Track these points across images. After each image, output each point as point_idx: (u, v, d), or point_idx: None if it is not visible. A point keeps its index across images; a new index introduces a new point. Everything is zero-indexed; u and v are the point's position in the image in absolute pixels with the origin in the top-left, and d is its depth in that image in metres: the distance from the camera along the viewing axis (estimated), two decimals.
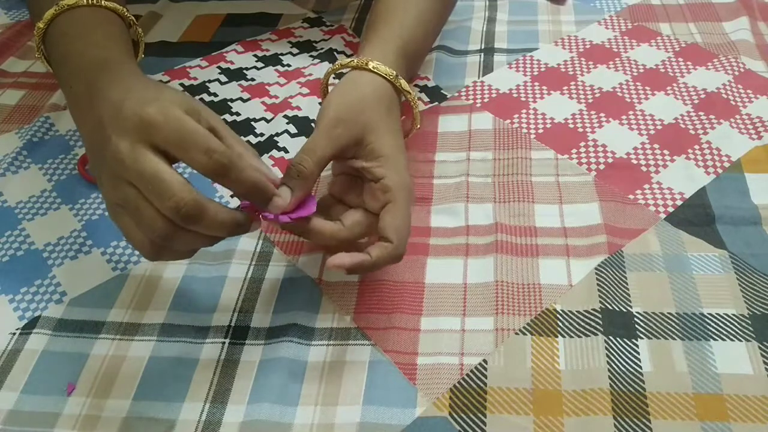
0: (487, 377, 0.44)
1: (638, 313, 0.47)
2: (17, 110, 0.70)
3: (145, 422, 0.43)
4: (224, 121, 0.64)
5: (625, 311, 0.47)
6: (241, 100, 0.70)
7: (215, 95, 0.71)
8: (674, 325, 0.46)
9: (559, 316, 0.47)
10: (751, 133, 0.62)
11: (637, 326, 0.46)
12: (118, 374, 0.46)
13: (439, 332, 0.47)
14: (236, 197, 0.56)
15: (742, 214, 0.54)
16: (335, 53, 0.76)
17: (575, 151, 0.61)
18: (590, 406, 0.42)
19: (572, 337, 0.46)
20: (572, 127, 0.64)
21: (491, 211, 0.55)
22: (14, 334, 0.48)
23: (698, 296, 0.48)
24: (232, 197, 0.58)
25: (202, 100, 0.70)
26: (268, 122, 0.67)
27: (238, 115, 0.68)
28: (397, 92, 0.51)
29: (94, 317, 0.49)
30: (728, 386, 0.43)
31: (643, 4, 0.83)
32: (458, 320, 0.48)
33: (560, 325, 0.47)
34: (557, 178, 0.58)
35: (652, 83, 0.69)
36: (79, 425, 0.43)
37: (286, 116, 0.66)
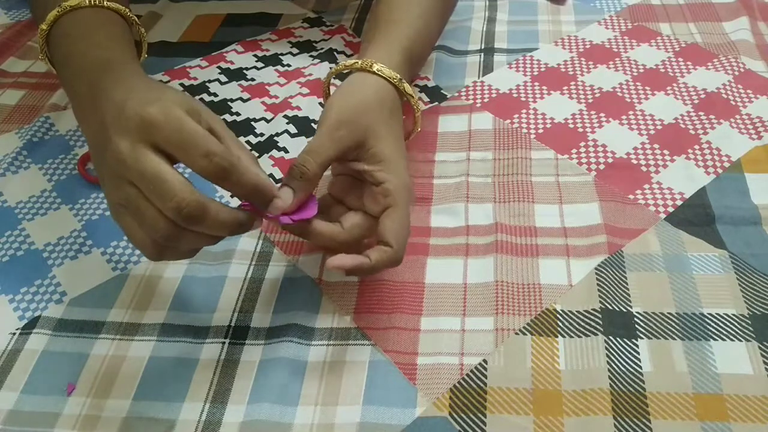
0: (487, 377, 0.44)
1: (638, 313, 0.47)
2: (17, 110, 0.70)
3: (145, 422, 0.43)
4: (224, 121, 0.64)
5: (625, 311, 0.47)
6: (241, 100, 0.70)
7: (215, 95, 0.71)
8: (674, 325, 0.46)
9: (559, 316, 0.47)
10: (751, 133, 0.62)
11: (637, 326, 0.46)
12: (118, 374, 0.46)
13: (439, 332, 0.47)
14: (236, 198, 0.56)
15: (742, 214, 0.54)
16: (335, 53, 0.76)
17: (575, 151, 0.61)
18: (590, 406, 0.42)
19: (572, 337, 0.46)
20: (572, 127, 0.64)
21: (491, 211, 0.55)
22: (14, 334, 0.48)
23: (698, 296, 0.48)
24: (232, 197, 0.58)
25: (202, 100, 0.70)
26: (268, 122, 0.67)
27: (238, 115, 0.68)
28: (400, 95, 0.51)
29: (94, 317, 0.49)
30: (728, 386, 0.43)
31: (643, 4, 0.83)
32: (458, 320, 0.48)
33: (560, 325, 0.47)
34: (557, 178, 0.58)
35: (652, 83, 0.69)
36: (79, 425, 0.43)
37: (286, 116, 0.66)
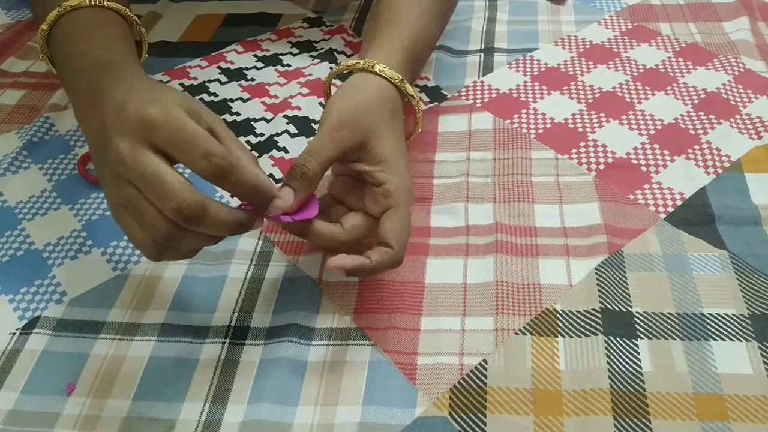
0: (487, 377, 0.44)
1: (638, 313, 0.47)
2: (17, 110, 0.70)
3: (145, 422, 0.43)
4: (224, 121, 0.64)
5: (625, 311, 0.47)
6: (241, 100, 0.70)
7: (215, 95, 0.71)
8: (674, 325, 0.46)
9: (559, 316, 0.47)
10: (751, 133, 0.62)
11: (637, 326, 0.46)
12: (118, 374, 0.46)
13: (439, 332, 0.47)
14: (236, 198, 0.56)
15: (742, 214, 0.54)
16: (335, 53, 0.76)
17: (575, 151, 0.61)
18: (590, 406, 0.42)
19: (572, 337, 0.46)
20: (572, 127, 0.64)
21: (491, 211, 0.55)
22: (14, 334, 0.48)
23: (698, 296, 0.48)
24: (232, 197, 0.58)
25: (202, 100, 0.70)
26: (268, 122, 0.67)
27: (238, 115, 0.68)
28: (401, 96, 0.51)
29: (94, 317, 0.49)
30: (728, 386, 0.43)
31: (643, 4, 0.83)
32: (458, 320, 0.48)
33: (560, 325, 0.47)
34: (557, 178, 0.58)
35: (652, 83, 0.69)
36: (79, 425, 0.43)
37: (286, 116, 0.66)
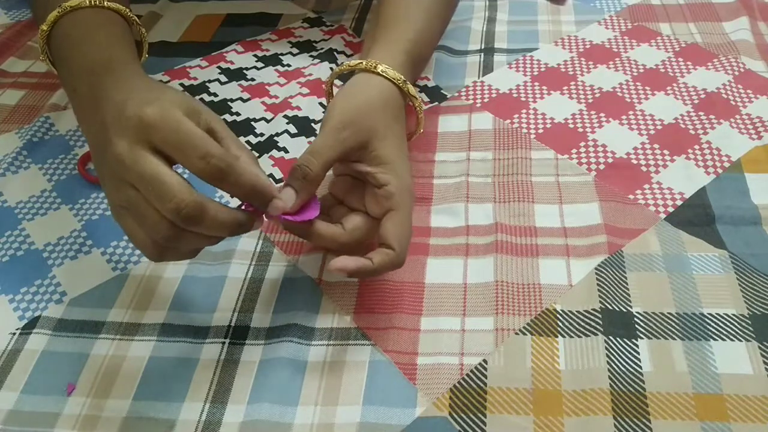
0: (487, 377, 0.44)
1: (638, 313, 0.47)
2: (17, 110, 0.70)
3: (145, 422, 0.43)
4: (224, 121, 0.64)
5: (625, 311, 0.47)
6: (241, 100, 0.70)
7: (215, 95, 0.71)
8: (674, 325, 0.46)
9: (559, 316, 0.47)
10: (751, 133, 0.62)
11: (637, 326, 0.46)
12: (118, 374, 0.46)
13: (439, 332, 0.47)
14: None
15: (742, 214, 0.54)
16: (335, 53, 0.76)
17: (575, 151, 0.61)
18: (590, 406, 0.42)
19: (572, 337, 0.46)
20: (572, 127, 0.64)
21: (491, 211, 0.55)
22: (14, 334, 0.48)
23: (698, 296, 0.48)
24: (232, 197, 0.58)
25: (202, 100, 0.70)
26: (268, 122, 0.67)
27: (238, 115, 0.68)
28: (403, 96, 0.51)
29: (94, 317, 0.49)
30: (728, 386, 0.43)
31: (643, 4, 0.83)
32: (458, 320, 0.48)
33: (560, 325, 0.47)
34: (557, 178, 0.58)
35: (652, 83, 0.69)
36: (79, 425, 0.43)
37: (286, 116, 0.66)
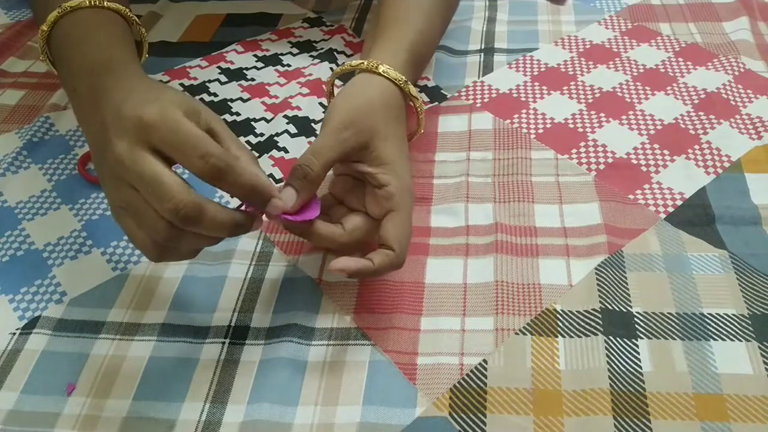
0: (487, 377, 0.44)
1: (638, 313, 0.47)
2: (17, 110, 0.70)
3: (145, 422, 0.43)
4: (224, 121, 0.64)
5: (625, 311, 0.47)
6: (241, 100, 0.70)
7: (215, 95, 0.71)
8: (674, 325, 0.46)
9: (559, 316, 0.47)
10: (751, 133, 0.62)
11: (637, 326, 0.46)
12: (118, 374, 0.46)
13: (439, 332, 0.47)
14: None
15: (742, 214, 0.54)
16: (335, 53, 0.76)
17: (575, 151, 0.61)
18: (590, 406, 0.42)
19: (572, 337, 0.46)
20: (572, 127, 0.64)
21: (491, 211, 0.55)
22: (14, 334, 0.48)
23: (698, 296, 0.48)
24: (232, 197, 0.58)
25: (202, 100, 0.70)
26: (268, 122, 0.67)
27: (238, 115, 0.68)
28: (404, 97, 0.51)
29: (94, 317, 0.49)
30: (728, 386, 0.43)
31: (643, 4, 0.83)
32: (458, 320, 0.48)
33: (560, 325, 0.47)
34: (557, 178, 0.58)
35: (652, 83, 0.69)
36: (79, 425, 0.43)
37: (286, 116, 0.66)
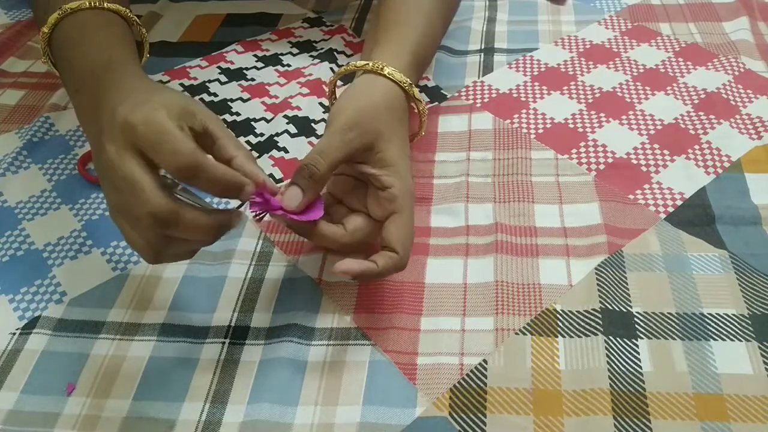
0: (487, 377, 0.44)
1: (638, 313, 0.47)
2: (17, 110, 0.70)
3: (145, 422, 0.43)
4: (224, 121, 0.64)
5: (625, 311, 0.47)
6: (241, 100, 0.70)
7: (215, 95, 0.71)
8: (674, 325, 0.46)
9: (559, 316, 0.47)
10: (751, 133, 0.62)
11: (637, 326, 0.46)
12: (118, 374, 0.46)
13: (439, 332, 0.47)
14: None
15: (742, 214, 0.54)
16: (335, 53, 0.76)
17: (575, 151, 0.61)
18: (590, 406, 0.42)
19: (572, 337, 0.46)
20: (572, 127, 0.64)
21: (491, 211, 0.55)
22: (14, 334, 0.48)
23: (698, 296, 0.48)
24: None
25: (202, 100, 0.70)
26: (268, 122, 0.67)
27: (238, 115, 0.68)
28: (407, 99, 0.51)
29: (94, 317, 0.49)
30: (728, 386, 0.43)
31: (643, 4, 0.83)
32: (458, 320, 0.48)
33: (560, 325, 0.47)
34: (557, 178, 0.58)
35: (652, 83, 0.69)
36: (79, 425, 0.43)
37: (286, 116, 0.66)
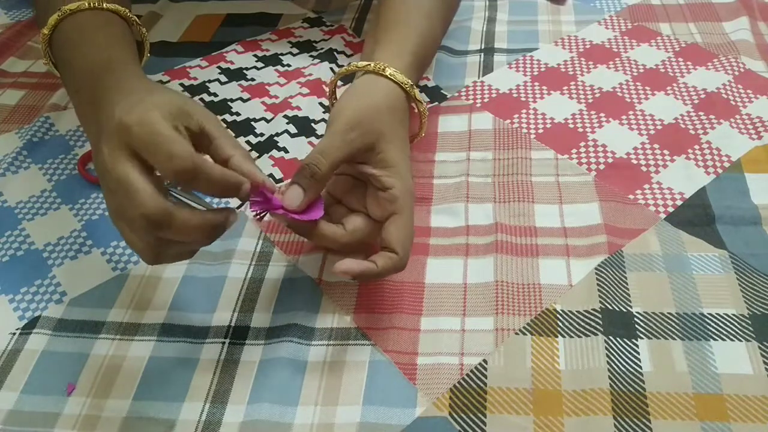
0: (487, 377, 0.44)
1: (638, 313, 0.47)
2: (17, 110, 0.70)
3: (145, 422, 0.43)
4: (224, 121, 0.64)
5: (625, 311, 0.47)
6: (241, 100, 0.70)
7: (215, 95, 0.71)
8: (674, 325, 0.46)
9: (559, 316, 0.47)
10: (751, 133, 0.62)
11: (637, 326, 0.46)
12: (118, 374, 0.46)
13: (439, 332, 0.47)
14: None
15: (742, 214, 0.54)
16: (335, 53, 0.76)
17: (575, 151, 0.61)
18: (590, 406, 0.42)
19: (572, 337, 0.46)
20: (572, 127, 0.64)
21: (491, 211, 0.55)
22: (14, 334, 0.48)
23: (698, 296, 0.48)
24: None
25: (202, 100, 0.70)
26: (268, 122, 0.67)
27: (238, 115, 0.68)
28: (408, 99, 0.51)
29: (94, 317, 0.49)
30: (728, 386, 0.43)
31: (643, 4, 0.83)
32: (458, 320, 0.48)
33: (560, 325, 0.47)
34: (557, 178, 0.58)
35: (652, 83, 0.69)
36: (79, 425, 0.43)
37: (286, 116, 0.66)
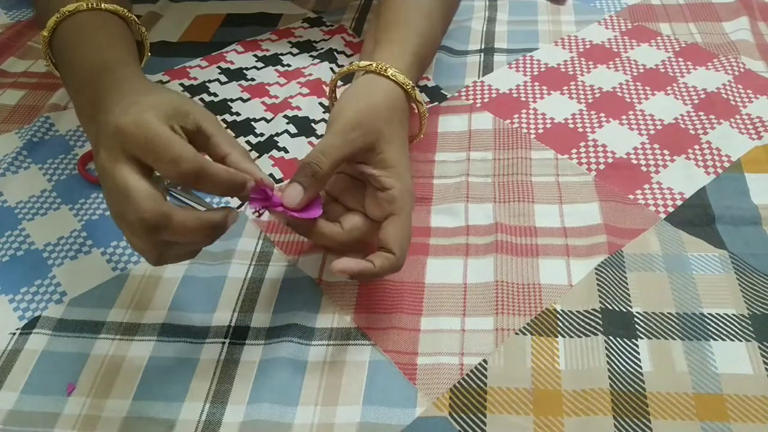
0: (487, 377, 0.44)
1: (638, 313, 0.47)
2: (17, 110, 0.70)
3: (145, 422, 0.43)
4: (224, 121, 0.64)
5: (625, 311, 0.47)
6: (241, 100, 0.70)
7: (215, 95, 0.71)
8: (674, 325, 0.46)
9: (559, 316, 0.47)
10: (751, 133, 0.62)
11: (637, 326, 0.46)
12: (118, 374, 0.46)
13: (439, 332, 0.47)
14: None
15: (742, 214, 0.54)
16: (335, 53, 0.76)
17: (575, 151, 0.61)
18: (590, 406, 0.42)
19: (572, 337, 0.46)
20: (572, 127, 0.64)
21: (491, 211, 0.55)
22: (14, 334, 0.48)
23: (698, 296, 0.48)
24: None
25: (202, 100, 0.70)
26: (268, 122, 0.67)
27: (238, 115, 0.68)
28: (408, 100, 0.51)
29: (94, 317, 0.49)
30: (728, 386, 0.43)
31: (643, 4, 0.83)
32: (458, 320, 0.48)
33: (560, 325, 0.47)
34: (557, 178, 0.58)
35: (652, 83, 0.69)
36: (79, 425, 0.43)
37: (286, 116, 0.66)
